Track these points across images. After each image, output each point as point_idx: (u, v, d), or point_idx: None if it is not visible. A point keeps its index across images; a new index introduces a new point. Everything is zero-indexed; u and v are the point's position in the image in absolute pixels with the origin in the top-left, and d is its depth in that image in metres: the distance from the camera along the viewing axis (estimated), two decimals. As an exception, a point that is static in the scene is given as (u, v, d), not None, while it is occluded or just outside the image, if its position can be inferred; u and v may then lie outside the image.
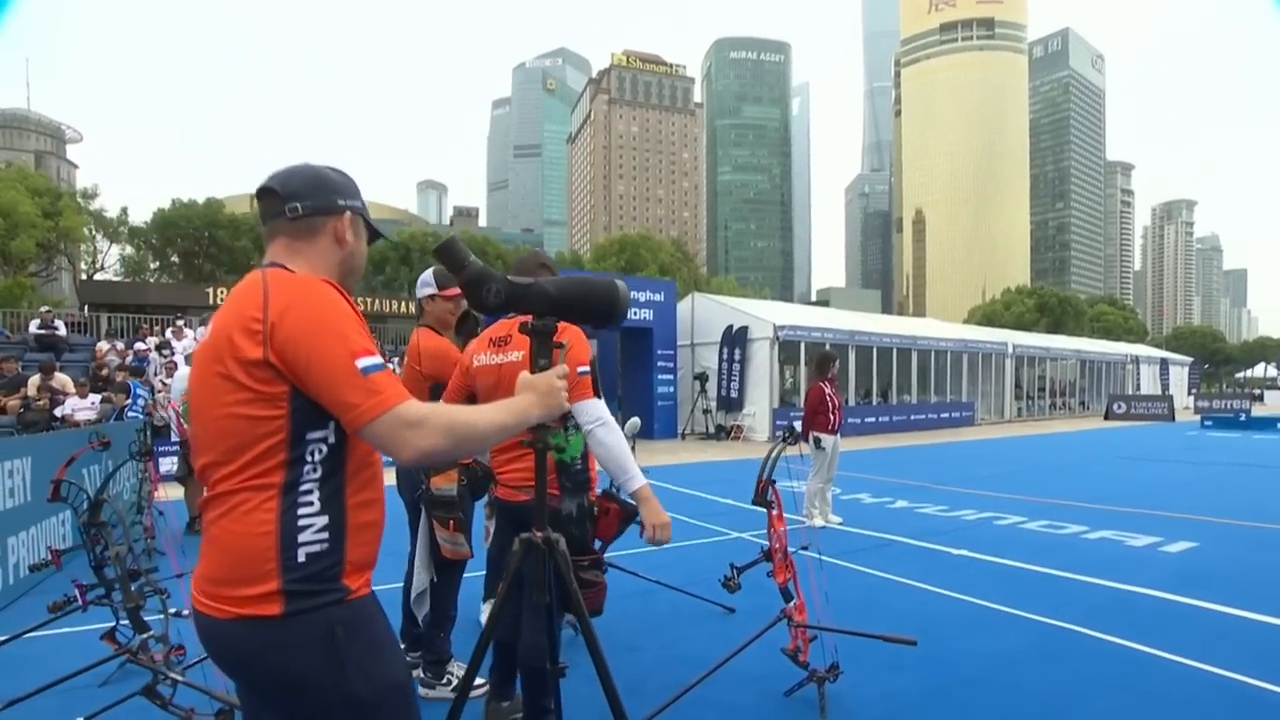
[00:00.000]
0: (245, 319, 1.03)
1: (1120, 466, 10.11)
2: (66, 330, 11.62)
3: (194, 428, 1.14)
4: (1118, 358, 25.47)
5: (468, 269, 1.23)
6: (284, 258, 1.15)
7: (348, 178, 1.26)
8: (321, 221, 1.17)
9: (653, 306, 15.59)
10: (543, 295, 1.26)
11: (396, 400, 1.02)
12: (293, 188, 1.16)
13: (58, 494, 2.78)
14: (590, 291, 1.32)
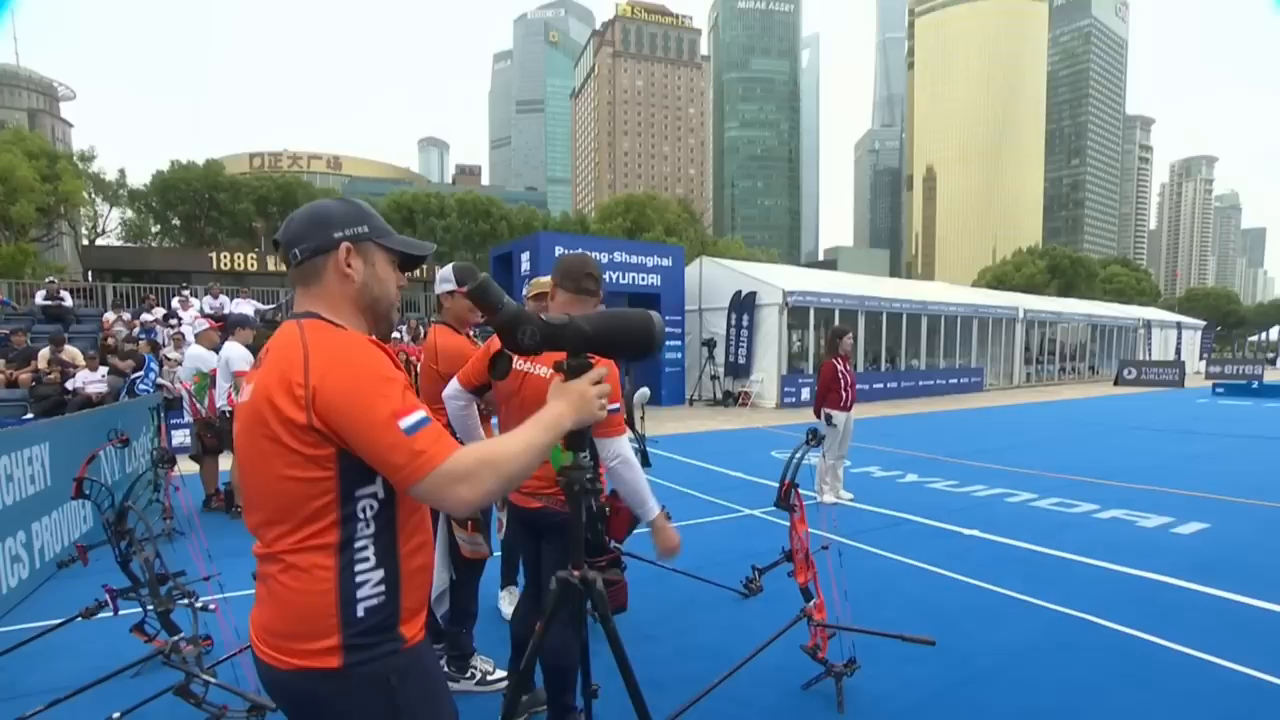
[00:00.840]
0: (287, 383, 1.04)
1: (1130, 437, 10.08)
2: (72, 300, 11.59)
3: (242, 485, 1.16)
4: (1129, 322, 25.19)
5: (502, 311, 1.19)
6: (309, 304, 1.17)
7: (351, 205, 1.21)
8: (322, 260, 1.16)
9: (660, 272, 15.41)
10: (579, 334, 1.23)
11: (442, 457, 1.02)
12: (291, 233, 1.16)
13: (80, 492, 2.79)
14: (625, 327, 1.28)
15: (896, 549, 4.62)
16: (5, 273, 19.16)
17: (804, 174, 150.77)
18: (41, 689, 2.76)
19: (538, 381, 1.97)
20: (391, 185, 73.85)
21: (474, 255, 35.79)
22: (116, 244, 29.05)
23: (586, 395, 1.21)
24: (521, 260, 14.39)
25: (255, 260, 24.56)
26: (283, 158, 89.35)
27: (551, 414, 1.18)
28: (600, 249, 14.43)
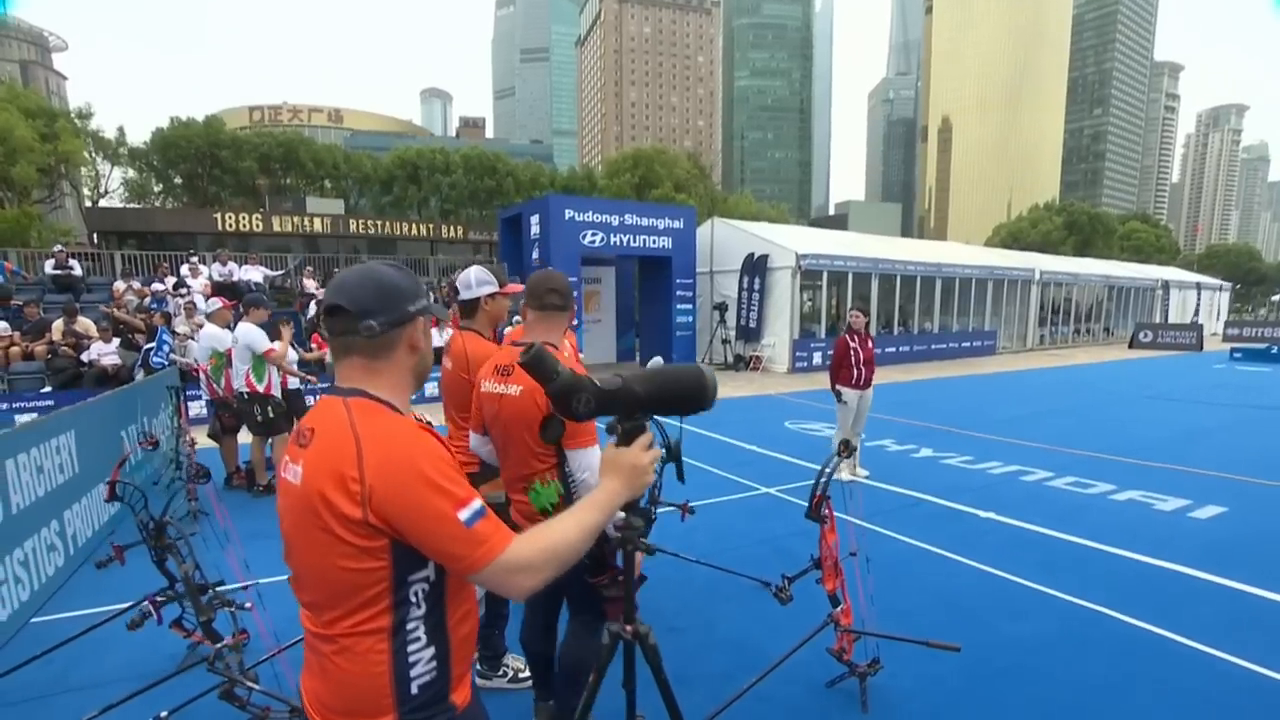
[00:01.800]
0: (340, 477, 1.03)
1: (1146, 408, 10.00)
2: (81, 268, 11.54)
3: (292, 564, 1.16)
4: (1148, 283, 24.73)
5: (557, 381, 1.18)
6: (363, 380, 1.14)
7: (411, 276, 1.19)
8: (397, 334, 1.13)
9: (671, 234, 15.16)
10: (633, 397, 1.22)
11: (501, 547, 1.04)
12: (365, 303, 1.10)
13: (114, 494, 2.82)
14: (678, 386, 1.26)
15: (914, 533, 4.65)
16: (10, 237, 19.05)
17: (815, 125, 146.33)
18: (90, 682, 2.86)
19: (512, 401, 2.02)
20: (394, 139, 72.32)
21: (480, 212, 35.31)
22: (120, 205, 28.80)
23: (639, 466, 1.21)
24: (531, 223, 14.17)
25: (260, 220, 24.38)
26: (283, 111, 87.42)
27: (606, 494, 1.19)
28: (610, 211, 14.17)
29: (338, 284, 1.13)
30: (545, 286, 2.13)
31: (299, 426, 1.16)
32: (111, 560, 2.86)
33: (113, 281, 11.35)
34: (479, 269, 2.69)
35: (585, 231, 13.74)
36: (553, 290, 2.12)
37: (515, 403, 2.01)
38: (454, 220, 32.82)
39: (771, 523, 4.96)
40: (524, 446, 2.03)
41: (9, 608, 3.23)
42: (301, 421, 1.16)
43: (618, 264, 16.70)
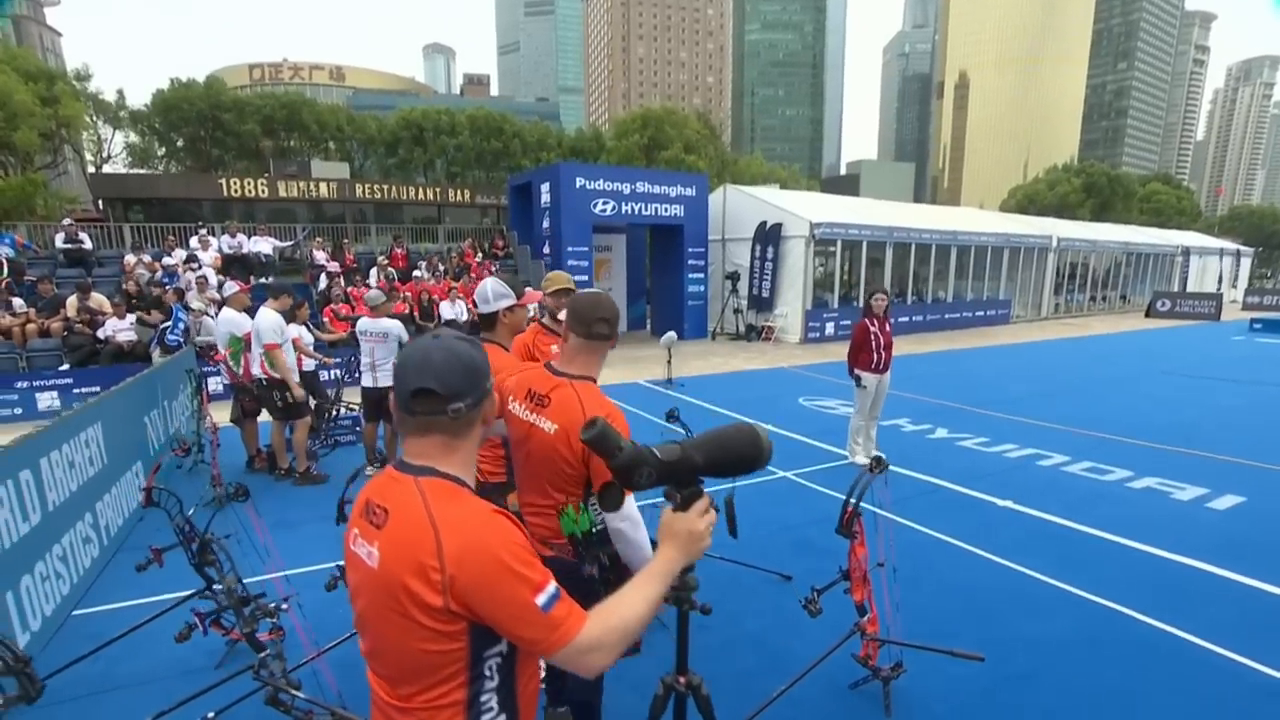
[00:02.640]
0: (420, 566, 1.05)
1: (1163, 385, 9.91)
2: (91, 241, 11.50)
3: (367, 637, 1.18)
4: (1167, 250, 24.23)
5: (621, 455, 1.18)
6: (438, 456, 1.15)
7: (480, 347, 1.21)
8: (477, 412, 1.17)
9: (684, 202, 14.94)
10: (692, 466, 1.22)
11: (576, 629, 1.07)
12: (454, 385, 1.13)
13: (150, 500, 2.86)
14: (734, 449, 1.25)
15: (931, 522, 4.67)
16: (16, 204, 18.92)
17: (828, 81, 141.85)
18: (136, 679, 2.95)
19: (543, 436, 1.95)
20: (398, 98, 70.79)
21: (487, 174, 34.76)
22: (124, 171, 28.49)
23: (696, 533, 1.22)
24: (541, 191, 13.96)
25: (265, 185, 24.11)
26: (283, 69, 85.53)
27: (664, 564, 1.21)
28: (622, 179, 13.94)
29: (422, 365, 1.12)
30: (596, 315, 1.98)
31: (369, 502, 1.16)
32: (150, 563, 2.91)
33: (123, 255, 11.31)
34: (495, 282, 2.66)
35: (597, 200, 13.54)
36: (603, 320, 1.98)
37: (548, 439, 1.94)
38: (461, 183, 32.38)
39: (789, 510, 5.00)
40: (548, 479, 1.98)
41: (52, 602, 3.32)
42: (370, 495, 1.18)
43: (628, 231, 16.51)
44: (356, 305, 10.88)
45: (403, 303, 11.41)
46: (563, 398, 1.91)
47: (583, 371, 1.98)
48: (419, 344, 1.17)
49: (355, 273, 12.44)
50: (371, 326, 5.49)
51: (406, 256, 13.41)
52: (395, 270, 12.74)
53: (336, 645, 2.91)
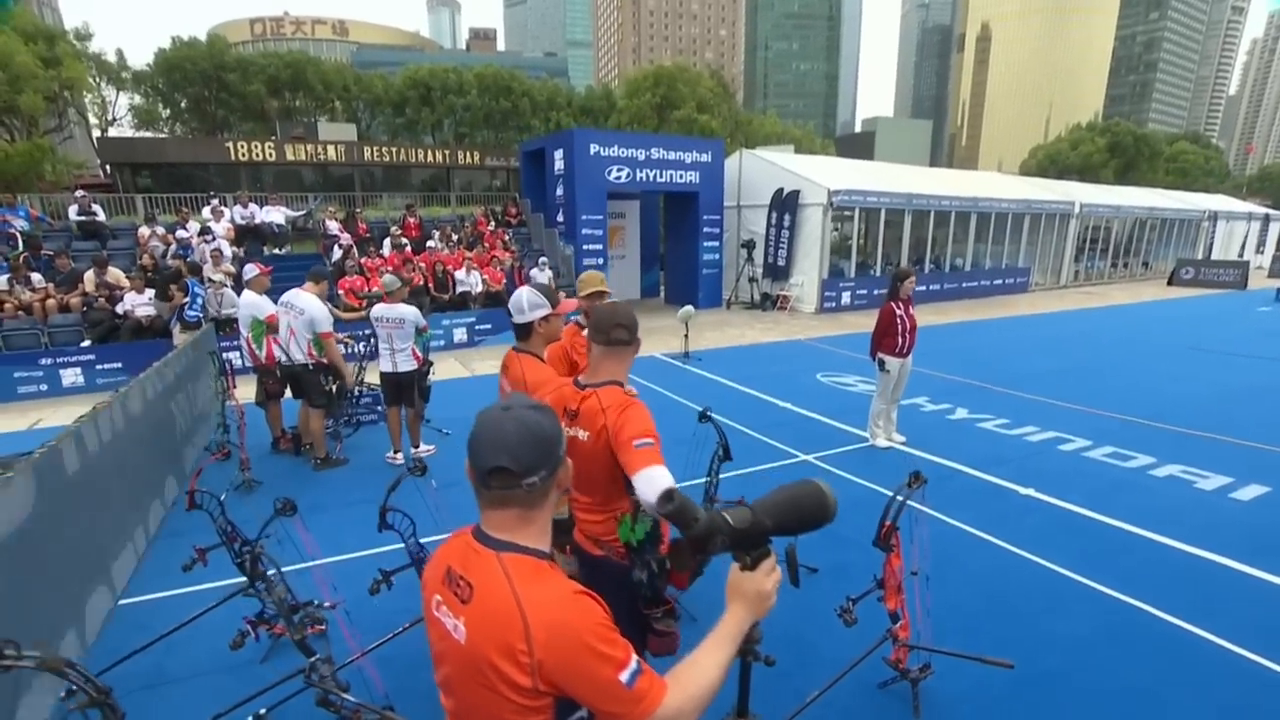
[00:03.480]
0: (509, 649, 1.08)
1: (1187, 363, 9.76)
2: (104, 213, 11.44)
3: (454, 705, 1.23)
4: (1193, 214, 23.55)
5: (698, 526, 1.20)
6: (515, 529, 1.18)
7: (549, 413, 1.22)
8: (552, 480, 1.18)
9: (699, 168, 14.64)
10: (763, 530, 1.24)
11: (659, 701, 1.10)
12: (528, 461, 1.14)
13: (193, 504, 2.91)
14: (802, 510, 1.25)
15: (953, 511, 4.68)
16: (24, 170, 18.80)
17: (844, 34, 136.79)
18: (187, 672, 3.05)
19: (583, 446, 2.09)
20: (402, 53, 69.11)
21: (495, 135, 34.14)
22: (131, 134, 28.20)
23: (764, 592, 1.24)
24: (555, 158, 13.70)
25: (273, 149, 23.86)
26: (285, 23, 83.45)
27: (735, 625, 1.24)
28: (636, 145, 13.63)
29: (496, 442, 1.14)
30: (612, 322, 2.12)
31: (450, 570, 1.19)
32: (195, 563, 2.98)
33: (136, 226, 11.27)
34: (530, 291, 2.63)
35: (611, 167, 13.28)
36: (620, 326, 2.12)
37: (585, 447, 2.09)
38: (469, 144, 31.84)
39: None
40: (591, 479, 2.13)
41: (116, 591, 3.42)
42: (451, 562, 1.21)
43: (642, 198, 16.25)
44: (371, 278, 10.85)
45: (417, 274, 11.36)
46: (589, 408, 2.08)
47: (608, 378, 2.11)
48: (491, 418, 1.17)
49: (369, 242, 12.36)
50: (387, 313, 5.47)
51: (420, 226, 13.29)
52: (408, 240, 12.65)
53: (381, 645, 2.98)
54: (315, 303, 5.48)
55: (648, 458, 1.91)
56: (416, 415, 5.83)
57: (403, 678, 2.92)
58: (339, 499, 5.04)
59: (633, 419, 1.97)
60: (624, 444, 1.94)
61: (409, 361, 5.54)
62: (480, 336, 11.30)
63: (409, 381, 5.58)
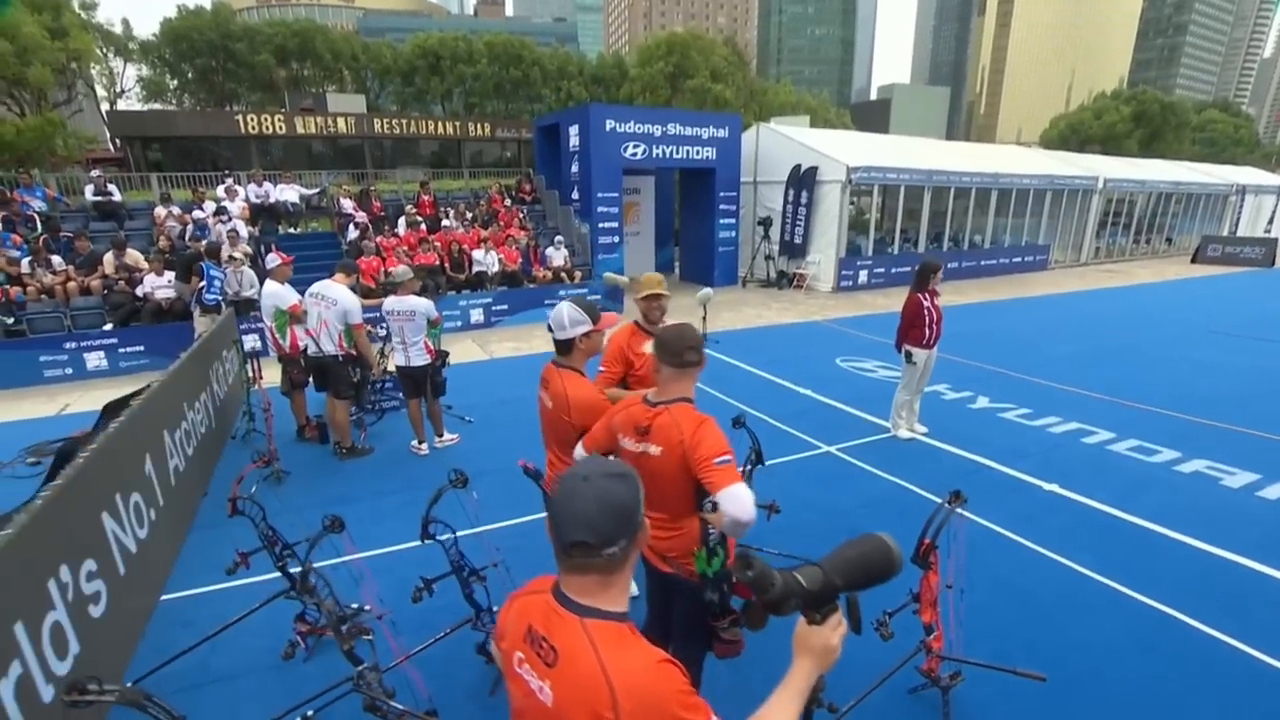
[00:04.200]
0: (596, 716, 1.11)
1: (1211, 347, 9.60)
2: (120, 192, 11.42)
3: None
4: (1220, 189, 22.91)
5: (774, 590, 1.22)
6: (597, 594, 1.20)
7: (633, 483, 1.23)
8: (631, 547, 1.22)
9: (716, 144, 14.37)
10: (833, 589, 1.26)
11: None
12: (607, 533, 1.16)
13: (235, 510, 2.96)
14: (870, 565, 1.28)
15: (979, 508, 4.64)
16: (36, 145, 18.75)
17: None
18: (230, 671, 3.13)
19: (654, 460, 2.18)
20: (409, 19, 67.74)
21: (506, 105, 33.63)
22: (140, 108, 27.98)
23: (830, 647, 1.25)
24: (570, 134, 13.48)
25: (283, 121, 23.63)
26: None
27: (803, 679, 1.26)
28: (654, 121, 13.38)
29: (576, 516, 1.16)
30: (684, 345, 2.17)
31: (532, 629, 1.22)
32: (239, 566, 3.04)
33: (153, 206, 11.25)
34: (571, 307, 2.61)
35: (627, 144, 13.07)
36: (690, 348, 2.18)
37: (657, 461, 2.18)
38: (479, 115, 31.40)
39: (837, 491, 5.03)
40: (662, 495, 2.20)
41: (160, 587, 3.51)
42: (532, 621, 1.24)
43: (657, 173, 16.01)
44: (388, 258, 10.82)
45: (432, 253, 11.32)
46: (662, 423, 2.16)
47: (677, 395, 2.18)
48: (570, 489, 1.19)
49: (384, 221, 12.30)
50: (398, 305, 5.44)
51: (434, 203, 13.18)
52: (423, 218, 12.57)
53: (423, 650, 3.04)
54: (348, 294, 5.48)
55: (729, 475, 1.96)
56: (435, 406, 5.86)
57: (442, 678, 2.98)
58: (368, 489, 5.11)
59: (708, 436, 2.03)
60: (703, 461, 1.99)
61: (422, 355, 5.53)
62: (497, 317, 11.29)
63: (423, 375, 5.60)
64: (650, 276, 3.37)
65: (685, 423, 2.10)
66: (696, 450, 2.02)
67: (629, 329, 3.37)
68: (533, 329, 11.18)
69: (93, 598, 2.89)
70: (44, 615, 2.49)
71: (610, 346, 3.27)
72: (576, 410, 2.51)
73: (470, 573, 2.84)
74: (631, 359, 3.27)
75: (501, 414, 6.77)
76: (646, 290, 3.33)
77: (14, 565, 2.35)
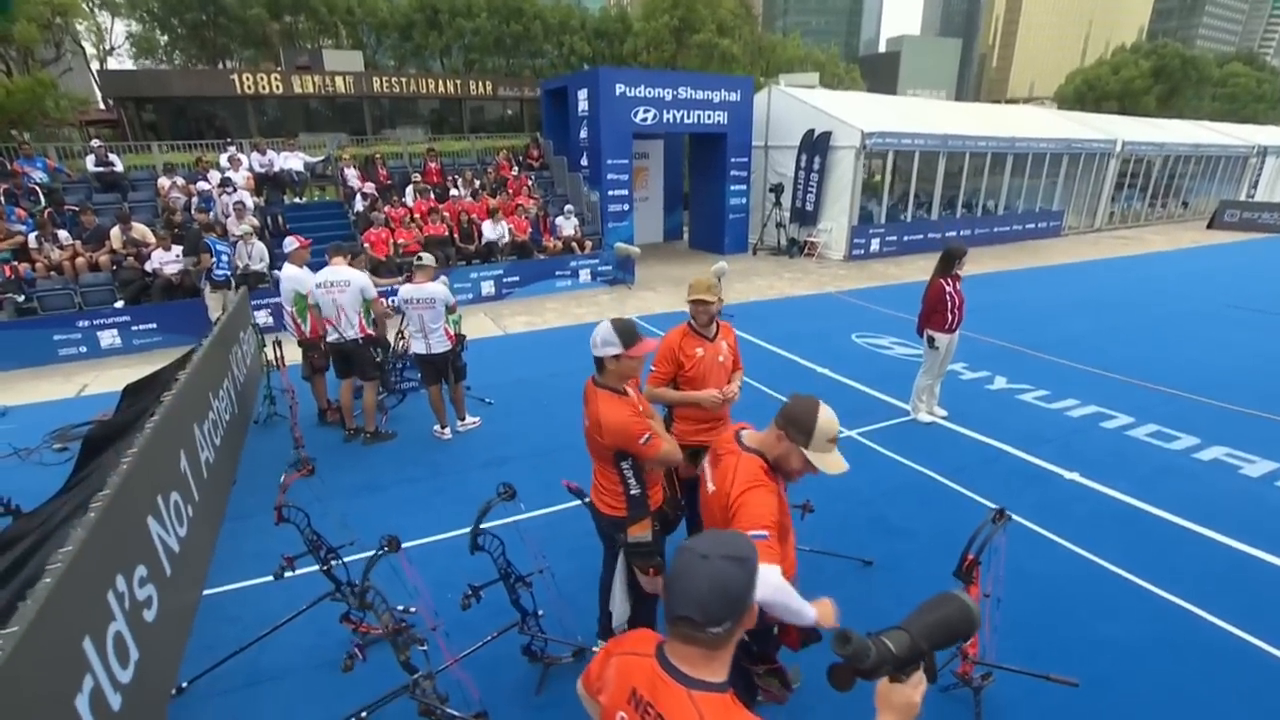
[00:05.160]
0: None
1: (1228, 324, 9.49)
2: (121, 163, 11.19)
3: None
4: (1241, 150, 22.37)
5: (870, 659, 1.27)
6: (701, 666, 1.24)
7: (748, 563, 1.24)
8: (737, 626, 1.24)
9: (728, 108, 14.00)
10: (919, 651, 1.32)
11: None
12: (714, 614, 1.19)
13: (281, 518, 3.00)
14: (952, 627, 1.35)
15: (1000, 497, 4.68)
16: (27, 107, 18.24)
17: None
18: (279, 671, 3.22)
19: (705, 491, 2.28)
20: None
21: (507, 60, 32.57)
22: (132, 66, 27.14)
23: (913, 703, 1.30)
24: (579, 99, 13.11)
25: (279, 80, 22.95)
26: (276, -69, 78.29)
27: None
28: (665, 84, 13.00)
29: (687, 593, 1.20)
30: (810, 424, 2.09)
31: (636, 693, 1.27)
32: (285, 570, 3.10)
33: (156, 176, 11.04)
34: (607, 328, 2.57)
35: (637, 109, 12.73)
36: (807, 432, 2.10)
37: (708, 496, 2.26)
38: (480, 73, 30.47)
39: (860, 479, 5.06)
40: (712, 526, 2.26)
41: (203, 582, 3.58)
42: (636, 684, 1.28)
43: (666, 137, 15.66)
44: (396, 229, 10.68)
45: (441, 224, 11.17)
46: (725, 466, 2.17)
47: (760, 449, 2.16)
48: (687, 563, 1.22)
49: (390, 190, 12.09)
50: (417, 294, 5.38)
51: (441, 170, 12.93)
52: (430, 185, 12.35)
53: (472, 653, 3.12)
54: (355, 272, 5.45)
55: (760, 554, 1.95)
56: (457, 391, 5.87)
57: (489, 679, 3.06)
58: (395, 477, 5.16)
59: (752, 504, 2.01)
60: (739, 526, 1.98)
61: (443, 342, 5.50)
62: (508, 289, 11.21)
63: (444, 361, 5.59)
64: (700, 280, 3.34)
65: (741, 479, 2.06)
66: (738, 514, 2.01)
67: (681, 330, 3.39)
68: (544, 301, 11.12)
69: (145, 602, 2.95)
70: (107, 627, 2.55)
71: (661, 346, 3.29)
72: (608, 432, 2.52)
73: (517, 579, 2.89)
74: (682, 360, 3.31)
75: (521, 395, 6.78)
76: (695, 295, 3.32)
77: (77, 583, 2.39)
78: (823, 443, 2.06)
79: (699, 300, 3.31)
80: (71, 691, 2.22)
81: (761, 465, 2.11)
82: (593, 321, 9.91)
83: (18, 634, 1.98)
